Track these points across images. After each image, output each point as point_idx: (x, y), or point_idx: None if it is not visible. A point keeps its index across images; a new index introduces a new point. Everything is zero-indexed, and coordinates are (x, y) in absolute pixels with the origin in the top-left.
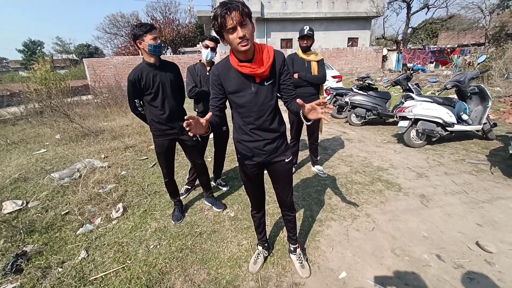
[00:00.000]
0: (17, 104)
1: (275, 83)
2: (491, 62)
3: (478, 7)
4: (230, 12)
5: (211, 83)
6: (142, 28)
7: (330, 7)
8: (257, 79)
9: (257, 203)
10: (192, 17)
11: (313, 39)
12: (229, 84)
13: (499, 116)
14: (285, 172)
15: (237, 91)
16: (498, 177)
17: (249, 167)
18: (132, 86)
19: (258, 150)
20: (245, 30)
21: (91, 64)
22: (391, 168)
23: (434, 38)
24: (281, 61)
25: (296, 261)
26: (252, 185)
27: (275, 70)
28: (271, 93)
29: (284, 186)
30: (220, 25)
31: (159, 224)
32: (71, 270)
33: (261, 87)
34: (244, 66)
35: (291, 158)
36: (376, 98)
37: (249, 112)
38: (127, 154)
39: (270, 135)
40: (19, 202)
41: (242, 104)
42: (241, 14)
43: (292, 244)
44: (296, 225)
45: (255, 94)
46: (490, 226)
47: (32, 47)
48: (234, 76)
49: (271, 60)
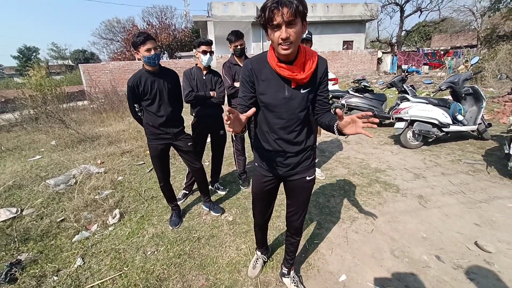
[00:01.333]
0: (12, 111)
1: (312, 92)
2: (483, 64)
3: (469, 10)
4: (281, 7)
5: (242, 78)
6: (137, 39)
7: (324, 11)
8: (293, 84)
9: (261, 220)
10: (188, 22)
11: (311, 42)
12: (261, 82)
13: (493, 116)
14: (304, 191)
15: (268, 93)
16: (494, 176)
17: (265, 179)
18: (131, 92)
19: (278, 162)
20: (291, 31)
21: (86, 69)
22: (389, 169)
23: (428, 41)
24: (323, 69)
25: (291, 284)
26: (262, 200)
27: (315, 79)
28: (305, 102)
29: (298, 206)
30: (266, 19)
31: (156, 229)
32: (66, 278)
33: (296, 93)
34: (283, 68)
35: (313, 177)
36: (372, 100)
37: (277, 119)
38: (124, 160)
39: (295, 148)
40: (14, 210)
41: (271, 108)
42: (294, 12)
43: (285, 267)
44: (297, 250)
45: (288, 100)
46: (488, 225)
47: (27, 53)
48: (268, 75)
49: (314, 67)
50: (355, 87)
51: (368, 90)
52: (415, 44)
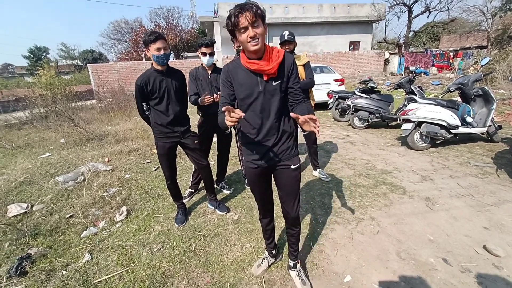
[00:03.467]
0: (22, 109)
1: (283, 84)
2: (494, 65)
3: (479, 10)
4: (244, 11)
5: (222, 82)
6: (149, 38)
7: (331, 12)
8: (264, 76)
9: (263, 210)
10: (194, 23)
11: (294, 43)
12: (237, 82)
13: (503, 119)
14: (291, 180)
15: (244, 89)
16: (504, 180)
17: (255, 170)
18: (140, 91)
19: (263, 153)
20: (256, 30)
21: (95, 69)
22: (395, 171)
23: (436, 41)
24: (290, 63)
25: (297, 277)
26: (259, 190)
27: (284, 71)
28: (278, 93)
29: (289, 196)
30: (233, 24)
31: (162, 227)
32: (75, 273)
33: (269, 86)
34: (253, 62)
35: (298, 165)
36: (379, 101)
37: (256, 112)
38: (131, 158)
39: (275, 137)
40: (24, 205)
41: (250, 102)
42: (254, 15)
43: (292, 260)
44: (299, 241)
45: (263, 94)
46: (498, 229)
47: (38, 53)
48: (242, 75)
49: (279, 60)
50: (362, 88)
51: (374, 91)
52: (423, 45)
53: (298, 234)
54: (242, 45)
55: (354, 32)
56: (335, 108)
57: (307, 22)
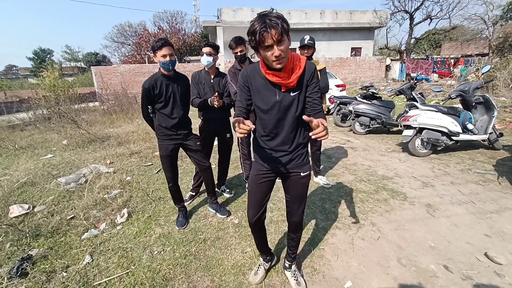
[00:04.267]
0: (26, 110)
1: (301, 94)
2: (495, 72)
3: (481, 18)
4: (270, 30)
5: (239, 85)
6: (156, 44)
7: (333, 18)
8: (283, 88)
9: (252, 215)
10: (197, 27)
11: (314, 48)
12: (254, 88)
13: (505, 126)
14: (299, 186)
15: (261, 97)
16: (505, 187)
17: (260, 172)
18: (146, 94)
19: (274, 160)
20: (281, 48)
21: (98, 72)
22: (396, 177)
23: (438, 48)
24: (311, 73)
25: (291, 277)
26: (255, 191)
27: (303, 81)
28: (296, 104)
29: (296, 201)
30: (257, 41)
31: (163, 230)
32: (75, 274)
33: (286, 96)
34: (272, 74)
35: (308, 173)
36: (380, 107)
37: (271, 120)
38: (132, 160)
39: (288, 146)
40: (26, 206)
41: (265, 110)
42: (280, 33)
43: (288, 261)
44: (298, 246)
45: (279, 103)
46: (499, 237)
47: (42, 55)
48: (261, 82)
49: (300, 72)
50: (363, 94)
51: (376, 97)
52: (424, 52)
53: (299, 239)
54: (265, 60)
55: (355, 38)
56: (337, 113)
57: (310, 28)
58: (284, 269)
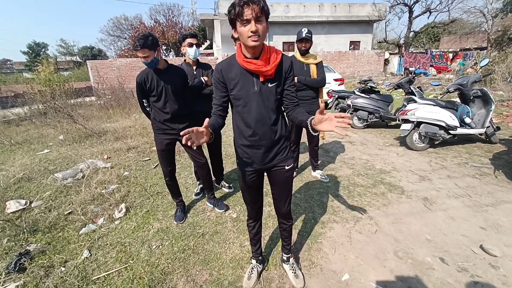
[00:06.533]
0: (21, 105)
1: (279, 86)
2: (493, 66)
3: (480, 11)
4: (250, 3)
5: (214, 80)
6: (134, 45)
7: (332, 11)
8: (261, 77)
9: (254, 212)
10: (194, 20)
11: (311, 41)
12: (231, 81)
13: (502, 120)
14: (284, 180)
15: (239, 89)
16: (502, 180)
17: (248, 173)
18: (139, 87)
19: (257, 156)
20: (259, 25)
21: (94, 66)
22: (394, 171)
23: (436, 42)
24: (288, 65)
25: (290, 270)
26: (250, 192)
27: (281, 73)
28: (274, 95)
29: (282, 194)
30: (237, 13)
31: (161, 224)
32: (73, 269)
33: (265, 87)
34: (250, 62)
35: (292, 166)
36: (378, 101)
37: (251, 114)
38: (130, 155)
39: (270, 140)
40: (23, 202)
41: (244, 103)
42: (261, 10)
43: (285, 254)
44: (291, 235)
45: (258, 94)
46: (494, 229)
47: (37, 49)
48: (237, 73)
49: (277, 61)
50: (362, 88)
51: (374, 91)
52: (423, 46)
53: (291, 229)
54: (240, 37)
55: (354, 31)
56: (335, 107)
57: (308, 21)
58: (282, 262)
